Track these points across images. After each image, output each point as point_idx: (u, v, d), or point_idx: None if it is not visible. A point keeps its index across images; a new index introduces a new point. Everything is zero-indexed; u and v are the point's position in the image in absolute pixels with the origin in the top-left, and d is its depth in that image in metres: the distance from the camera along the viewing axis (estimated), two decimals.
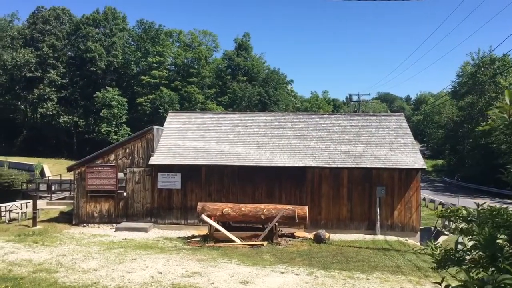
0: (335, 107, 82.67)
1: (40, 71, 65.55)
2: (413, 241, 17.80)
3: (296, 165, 19.01)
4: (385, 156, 19.28)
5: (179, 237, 17.40)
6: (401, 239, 17.89)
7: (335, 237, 17.83)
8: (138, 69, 67.41)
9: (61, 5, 73.87)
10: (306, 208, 17.22)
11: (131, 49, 69.41)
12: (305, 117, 22.40)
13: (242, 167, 19.19)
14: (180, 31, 70.31)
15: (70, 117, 65.77)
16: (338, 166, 18.97)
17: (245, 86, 64.21)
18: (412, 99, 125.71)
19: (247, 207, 17.20)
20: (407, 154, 19.34)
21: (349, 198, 19.08)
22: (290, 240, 17.03)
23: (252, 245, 15.83)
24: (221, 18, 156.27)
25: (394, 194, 18.93)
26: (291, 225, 17.75)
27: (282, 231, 17.54)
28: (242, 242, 16.19)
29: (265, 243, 16.06)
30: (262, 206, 17.30)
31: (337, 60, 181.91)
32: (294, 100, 77.69)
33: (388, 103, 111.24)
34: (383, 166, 18.81)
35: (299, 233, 18.12)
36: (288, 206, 17.25)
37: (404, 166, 18.79)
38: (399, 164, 18.85)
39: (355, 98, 59.98)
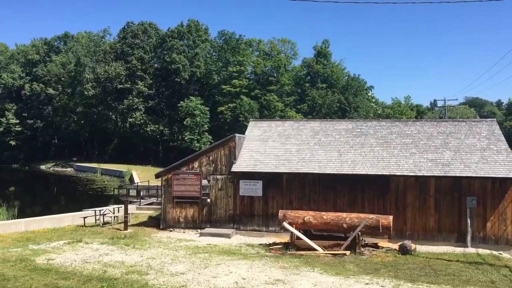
0: (419, 113, 79.48)
1: (129, 82, 69.53)
2: (509, 255, 16.63)
3: (379, 173, 18.51)
4: (476, 164, 18.23)
5: (260, 244, 17.59)
6: (494, 252, 16.78)
7: (422, 248, 17.11)
8: (219, 78, 69.28)
9: (148, 20, 77.97)
10: (391, 217, 16.71)
11: (213, 59, 71.51)
12: (388, 123, 21.78)
13: (323, 175, 19.03)
14: (260, 40, 71.40)
15: (156, 126, 68.96)
16: (425, 174, 18.22)
17: (324, 93, 63.74)
18: (504, 104, 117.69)
19: (328, 216, 17.02)
20: (501, 163, 18.14)
21: (436, 208, 18.24)
22: (373, 250, 16.60)
23: (334, 254, 15.62)
24: (300, 26, 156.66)
25: (486, 205, 17.82)
26: (374, 235, 17.30)
27: (365, 241, 17.14)
28: (324, 250, 16.03)
29: (347, 252, 15.78)
30: (344, 214, 17.03)
31: (420, 65, 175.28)
32: (375, 106, 75.81)
33: (477, 108, 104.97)
34: (474, 175, 17.78)
35: (383, 243, 17.60)
36: (371, 215, 16.84)
37: (498, 175, 17.63)
38: (492, 173, 17.72)
39: (440, 103, 57.47)
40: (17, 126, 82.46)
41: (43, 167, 75.76)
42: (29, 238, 17.98)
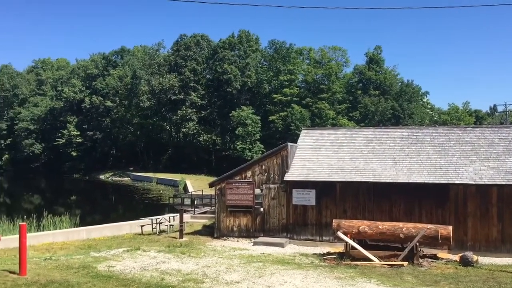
0: (478, 119, 76.43)
1: (182, 94, 71.28)
2: None
3: (437, 181, 17.92)
4: None
5: (314, 254, 17.43)
6: None
7: (484, 260, 16.37)
8: (270, 87, 69.67)
9: (201, 32, 79.74)
10: (450, 228, 16.11)
11: (264, 68, 72.08)
12: (445, 130, 21.08)
13: (377, 184, 18.65)
14: (310, 48, 71.34)
15: (209, 135, 70.18)
16: (486, 183, 17.46)
17: (377, 100, 62.64)
18: None
19: (384, 225, 16.65)
20: None
21: (499, 218, 17.42)
22: (432, 261, 16.04)
23: (391, 265, 15.23)
24: (351, 33, 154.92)
25: None
26: (433, 246, 16.72)
27: (423, 251, 16.61)
28: (380, 261, 15.67)
29: (405, 263, 15.35)
30: (401, 224, 16.60)
31: (478, 68, 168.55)
32: (431, 113, 73.65)
33: None
34: None
35: (442, 254, 16.99)
36: (429, 225, 16.31)
37: None
38: None
39: (500, 108, 55.00)
40: (78, 138, 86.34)
41: (102, 177, 78.77)
42: (91, 245, 18.71)
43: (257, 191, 20.37)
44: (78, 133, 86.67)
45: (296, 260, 16.20)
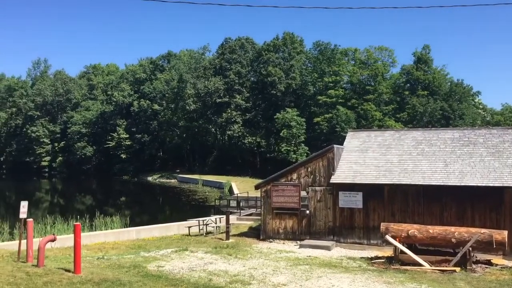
0: None
1: (227, 96, 71.98)
2: None
3: (491, 184, 17.25)
4: None
5: (362, 257, 17.17)
6: None
7: None
8: (314, 89, 69.22)
9: (245, 35, 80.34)
10: (505, 232, 15.47)
11: (308, 70, 71.72)
12: (499, 131, 20.24)
13: (427, 187, 18.16)
14: (356, 49, 70.36)
15: (254, 138, 70.44)
16: None
17: (425, 101, 61.01)
18: None
19: (435, 229, 16.18)
20: None
21: None
22: (486, 267, 15.45)
23: (442, 271, 14.78)
24: (398, 33, 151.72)
25: None
26: (487, 251, 16.11)
27: (476, 257, 16.02)
28: (430, 266, 15.24)
29: (457, 269, 14.85)
30: (453, 229, 16.08)
31: None
32: (483, 113, 70.96)
33: None
34: None
35: (497, 260, 16.33)
36: (483, 230, 15.72)
37: None
38: None
39: None
40: (127, 141, 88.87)
41: (149, 178, 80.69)
42: (140, 245, 19.20)
43: (303, 193, 20.28)
44: (127, 136, 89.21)
45: (343, 263, 16.01)
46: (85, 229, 22.81)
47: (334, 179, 19.52)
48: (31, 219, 13.42)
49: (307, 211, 20.09)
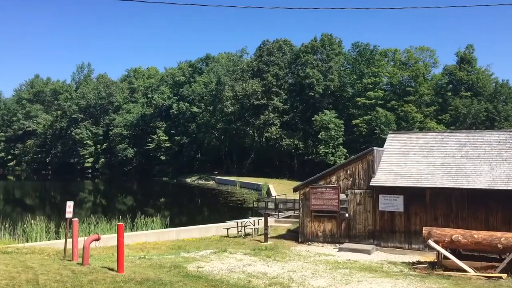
0: None
1: (265, 98, 72.15)
2: None
3: None
4: None
5: (403, 262, 16.81)
6: None
7: None
8: (353, 91, 68.48)
9: (283, 37, 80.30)
10: None
11: (347, 72, 71.02)
12: None
13: (472, 190, 17.61)
14: (396, 49, 69.16)
15: (291, 140, 70.27)
16: None
17: (469, 102, 59.28)
18: None
19: (480, 235, 15.66)
20: None
21: None
22: None
23: (488, 277, 14.29)
24: (439, 33, 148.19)
25: None
26: None
27: None
28: (475, 272, 14.77)
29: (504, 275, 14.33)
30: (499, 234, 15.52)
31: None
32: None
33: None
34: None
35: None
36: None
37: None
38: None
39: None
40: (166, 143, 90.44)
41: (188, 180, 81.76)
42: (180, 246, 19.46)
43: (342, 196, 20.06)
44: (167, 138, 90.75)
45: (384, 268, 15.72)
46: (127, 229, 23.31)
47: (374, 182, 19.22)
48: (76, 219, 13.83)
49: (346, 214, 19.87)
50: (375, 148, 20.19)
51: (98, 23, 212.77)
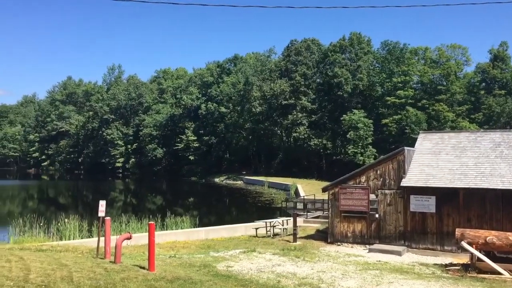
0: None
1: (293, 98, 71.98)
2: None
3: None
4: None
5: (435, 264, 16.51)
6: None
7: None
8: (382, 90, 67.65)
9: (311, 36, 79.95)
10: None
11: (376, 71, 70.20)
12: None
13: (507, 191, 17.14)
14: (426, 47, 68.00)
15: (319, 140, 69.89)
16: None
17: (503, 101, 57.74)
18: None
19: None
20: None
21: None
22: None
23: None
24: (472, 30, 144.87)
25: None
26: None
27: None
28: (511, 275, 14.37)
29: None
30: None
31: None
32: None
33: None
34: None
35: None
36: None
37: None
38: None
39: None
40: (195, 143, 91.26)
41: (216, 180, 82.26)
42: (209, 245, 19.60)
43: (372, 196, 19.83)
44: (195, 138, 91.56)
45: (416, 269, 15.47)
46: (157, 228, 23.59)
47: (405, 182, 18.93)
48: (108, 218, 14.08)
49: (376, 215, 19.62)
50: (405, 148, 19.88)
51: (128, 25, 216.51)
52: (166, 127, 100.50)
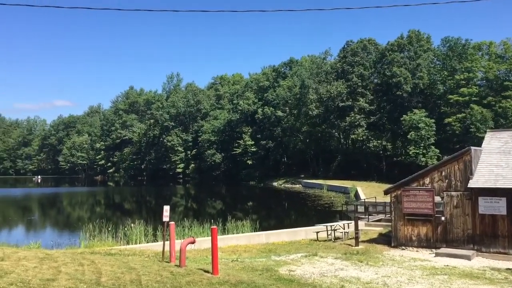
0: None
1: (350, 100, 70.96)
2: None
3: None
4: None
5: (508, 269, 15.66)
6: None
7: None
8: (444, 88, 65.27)
9: (367, 36, 78.57)
10: None
11: (437, 68, 67.85)
12: None
13: None
14: (491, 42, 64.91)
15: (379, 141, 68.46)
16: None
17: None
18: None
19: None
20: None
21: None
22: None
23: None
24: None
25: None
26: None
27: None
28: None
29: None
30: None
31: None
32: None
33: None
34: None
35: None
36: None
37: None
38: None
39: None
40: (252, 147, 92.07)
41: (274, 183, 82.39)
42: (271, 249, 19.66)
43: (437, 198, 19.13)
44: (253, 142, 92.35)
45: (487, 274, 14.75)
46: (218, 232, 23.91)
47: (473, 184, 18.12)
48: (173, 222, 14.47)
49: (442, 218, 18.91)
50: (472, 147, 19.05)
51: (185, 34, 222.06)
52: (224, 133, 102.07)
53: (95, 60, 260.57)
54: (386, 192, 21.15)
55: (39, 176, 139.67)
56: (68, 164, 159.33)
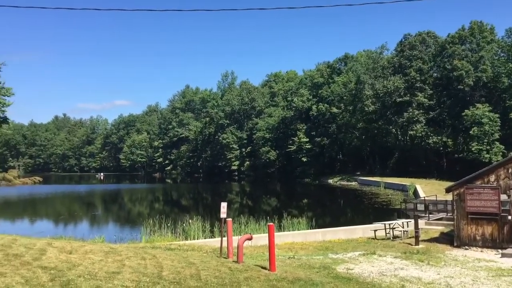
0: None
1: (408, 95, 68.98)
2: None
3: None
4: None
5: None
6: None
7: None
8: (510, 81, 62.08)
9: (426, 29, 76.09)
10: None
11: (501, 60, 64.65)
12: None
13: None
14: None
15: (439, 137, 66.18)
16: None
17: None
18: None
19: None
20: None
21: None
22: None
23: None
24: None
25: None
26: None
27: None
28: None
29: None
30: None
31: None
32: None
33: None
34: None
35: None
36: None
37: None
38: None
39: None
40: (307, 144, 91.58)
41: (330, 181, 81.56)
42: (327, 247, 19.49)
43: (503, 197, 18.24)
44: (307, 139, 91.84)
45: None
46: (275, 229, 24.01)
47: None
48: (230, 219, 14.67)
49: (509, 217, 18.01)
50: None
51: (240, 32, 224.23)
52: (278, 130, 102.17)
53: (152, 61, 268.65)
54: (448, 190, 20.40)
55: (101, 173, 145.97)
56: (128, 162, 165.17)
